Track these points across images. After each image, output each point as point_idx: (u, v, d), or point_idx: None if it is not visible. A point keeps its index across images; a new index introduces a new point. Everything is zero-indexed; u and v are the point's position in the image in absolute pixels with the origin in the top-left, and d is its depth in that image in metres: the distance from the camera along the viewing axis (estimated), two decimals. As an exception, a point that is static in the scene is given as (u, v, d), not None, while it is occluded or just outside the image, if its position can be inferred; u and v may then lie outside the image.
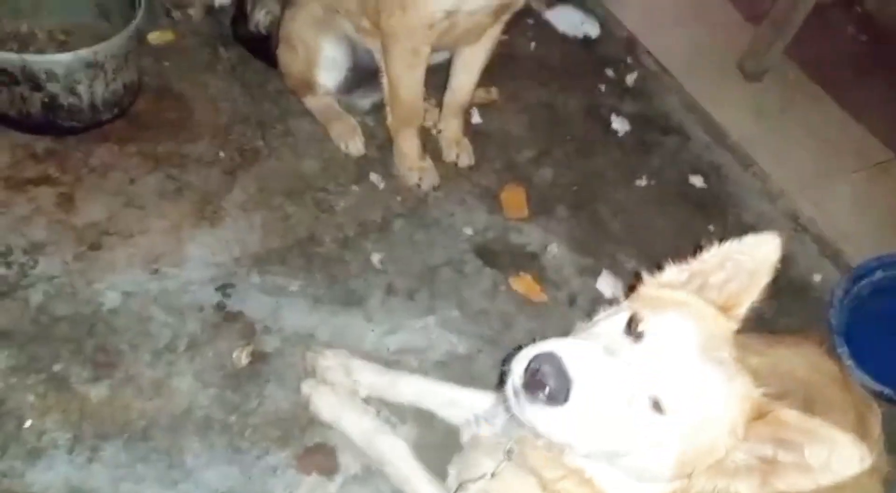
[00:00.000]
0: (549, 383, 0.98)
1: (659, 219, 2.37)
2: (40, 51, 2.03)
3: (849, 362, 1.93)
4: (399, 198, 2.15)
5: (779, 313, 2.16)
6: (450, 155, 2.27)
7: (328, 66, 2.09)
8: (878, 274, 2.11)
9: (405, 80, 1.93)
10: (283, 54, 2.14)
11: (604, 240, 2.25)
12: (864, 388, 1.84)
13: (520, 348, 1.06)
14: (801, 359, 1.59)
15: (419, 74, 1.93)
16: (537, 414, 1.00)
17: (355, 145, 2.17)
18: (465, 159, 2.27)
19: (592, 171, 2.44)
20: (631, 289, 1.24)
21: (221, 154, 2.09)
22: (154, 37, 2.30)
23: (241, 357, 1.71)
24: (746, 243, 1.16)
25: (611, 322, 1.15)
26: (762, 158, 2.54)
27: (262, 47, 2.26)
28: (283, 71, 2.18)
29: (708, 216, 2.41)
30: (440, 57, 2.09)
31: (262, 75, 2.30)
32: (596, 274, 2.14)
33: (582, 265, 2.16)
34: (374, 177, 2.17)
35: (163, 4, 2.35)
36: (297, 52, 2.09)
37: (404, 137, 2.11)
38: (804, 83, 2.84)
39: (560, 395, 0.97)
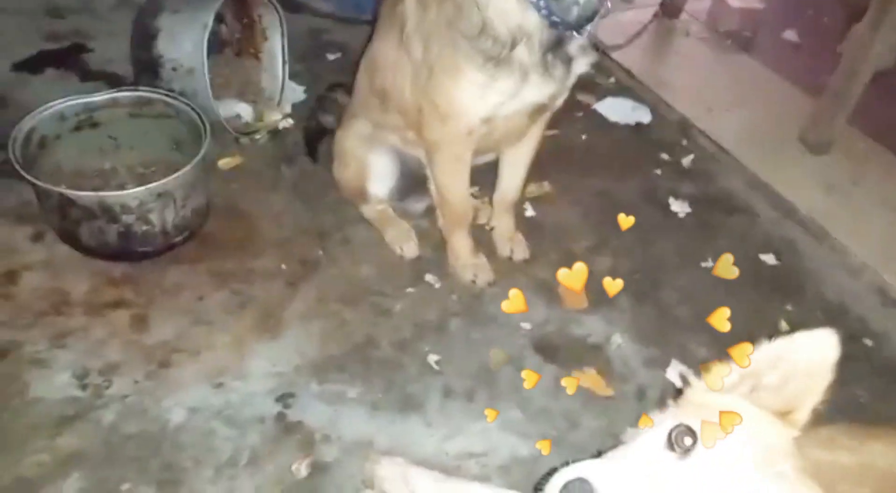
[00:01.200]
0: None
1: (730, 301, 2.19)
2: (121, 185, 2.23)
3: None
4: (455, 297, 2.16)
5: (874, 399, 1.98)
6: (504, 250, 2.28)
7: (378, 176, 2.19)
8: None
9: (451, 185, 1.99)
10: (337, 169, 2.26)
11: (671, 328, 2.15)
12: None
13: (552, 471, 1.00)
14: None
15: (464, 179, 1.98)
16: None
17: (409, 249, 2.23)
18: (520, 254, 2.27)
19: (654, 257, 2.38)
20: (678, 393, 1.16)
21: (284, 267, 2.18)
22: (224, 162, 2.49)
23: (301, 469, 1.71)
24: (799, 342, 1.05)
25: (652, 435, 1.06)
26: (838, 231, 2.41)
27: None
28: (338, 184, 2.29)
29: (785, 295, 2.28)
30: (487, 157, 2.15)
31: (322, 188, 2.42)
32: (665, 365, 2.04)
33: (649, 356, 2.06)
34: (429, 277, 2.20)
35: (232, 133, 2.55)
36: (350, 166, 2.20)
37: (457, 237, 2.15)
38: (875, 152, 2.72)
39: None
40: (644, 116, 2.92)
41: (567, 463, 1.00)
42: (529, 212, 2.48)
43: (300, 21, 3.12)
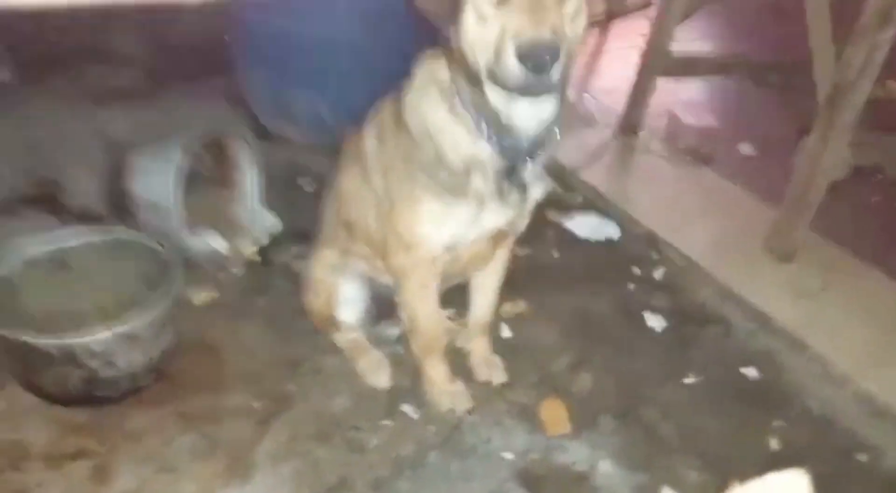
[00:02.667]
0: None
1: (715, 419, 2.20)
2: (90, 328, 2.18)
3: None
4: (433, 428, 2.09)
5: (876, 518, 1.90)
6: (481, 374, 2.24)
7: (348, 303, 2.19)
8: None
9: (420, 312, 1.98)
10: (308, 297, 2.25)
11: (657, 450, 2.08)
12: None
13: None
14: None
15: (433, 305, 1.97)
16: None
17: (381, 379, 2.18)
18: (498, 377, 2.23)
19: (634, 373, 2.34)
20: None
21: (255, 404, 2.11)
22: (198, 298, 2.46)
23: None
24: (770, 483, 1.03)
25: None
26: (814, 340, 2.40)
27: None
28: (309, 313, 2.27)
29: (770, 410, 2.24)
30: (456, 280, 2.15)
31: (294, 316, 2.39)
32: (654, 491, 1.96)
33: (637, 483, 1.98)
34: (406, 407, 2.13)
35: (207, 268, 2.54)
36: (319, 295, 2.20)
37: (431, 364, 2.11)
38: (841, 257, 2.77)
39: None
40: (613, 232, 2.99)
41: None
42: (506, 332, 2.46)
43: (277, 150, 3.21)
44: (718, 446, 2.10)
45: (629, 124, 3.55)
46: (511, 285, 2.29)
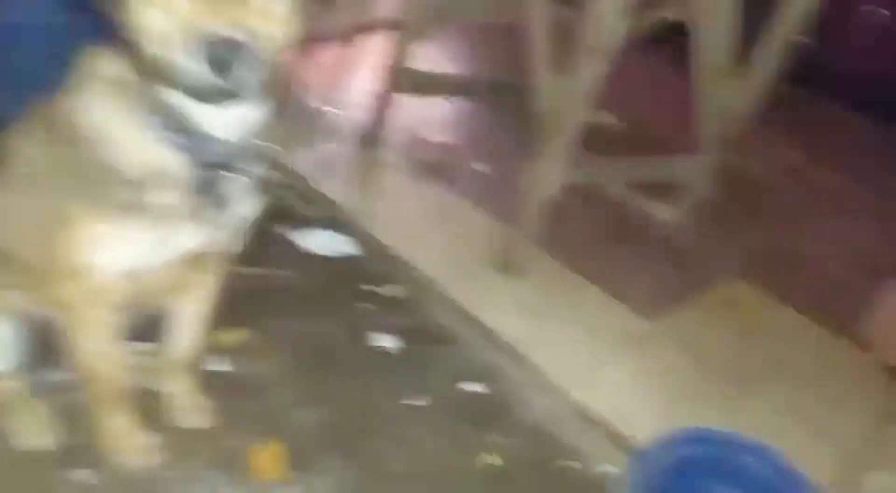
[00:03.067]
0: None
1: (438, 439, 2.16)
2: None
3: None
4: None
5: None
6: (185, 420, 1.94)
7: None
8: (665, 460, 2.01)
9: (92, 353, 1.63)
10: None
11: (384, 484, 1.97)
12: None
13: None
14: None
15: (108, 344, 1.64)
16: None
17: (41, 438, 1.79)
18: (201, 421, 1.95)
19: (365, 402, 2.22)
20: None
21: None
22: None
23: None
24: None
25: None
26: (536, 354, 2.49)
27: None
28: None
29: (490, 425, 2.25)
30: (147, 310, 1.84)
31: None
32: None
33: (361, 524, 1.85)
34: (80, 474, 1.76)
35: None
36: None
37: (109, 415, 1.76)
38: (562, 273, 2.93)
39: None
40: (350, 249, 2.86)
41: None
42: (224, 366, 2.19)
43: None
44: (444, 468, 2.06)
45: (371, 139, 3.47)
46: (232, 311, 2.02)
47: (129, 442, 1.79)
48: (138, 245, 1.48)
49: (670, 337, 2.70)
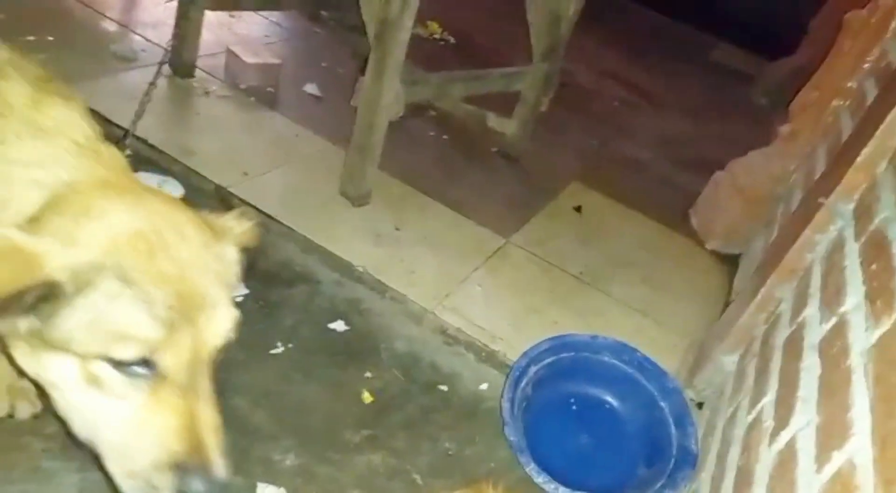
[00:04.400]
0: None
1: (309, 386, 2.04)
2: None
3: (539, 479, 1.79)
4: None
5: (461, 444, 1.98)
6: (1, 408, 1.65)
7: None
8: (532, 369, 2.06)
9: None
10: None
11: (251, 443, 1.83)
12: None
13: None
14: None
15: None
16: None
17: None
18: (27, 409, 1.67)
19: (224, 359, 2.02)
20: None
21: None
22: None
23: None
24: None
25: None
26: (395, 281, 2.42)
27: None
28: None
29: (361, 361, 2.16)
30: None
31: None
32: (250, 493, 1.72)
33: (233, 490, 1.70)
34: None
35: None
36: None
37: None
38: (409, 195, 2.85)
39: None
40: (174, 190, 2.55)
41: None
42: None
43: None
44: (314, 417, 1.95)
45: (182, 64, 3.08)
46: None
47: None
48: None
49: (520, 249, 2.75)
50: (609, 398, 2.12)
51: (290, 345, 2.14)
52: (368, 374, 2.13)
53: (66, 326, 0.97)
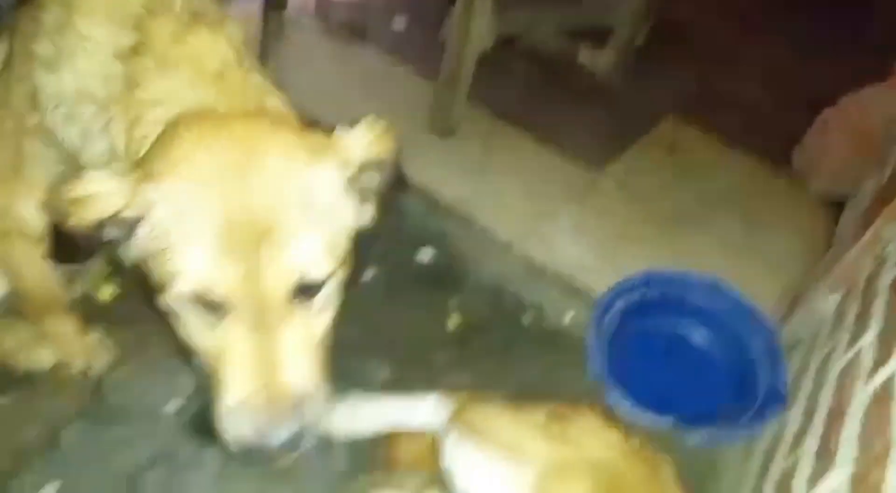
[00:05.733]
0: None
1: (398, 310, 2.12)
2: None
3: (622, 405, 1.81)
4: (64, 396, 1.64)
5: (544, 371, 2.02)
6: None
7: None
8: (619, 303, 2.05)
9: (22, 274, 1.49)
10: None
11: (346, 356, 1.91)
12: (648, 425, 1.74)
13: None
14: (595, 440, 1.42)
15: (37, 266, 1.47)
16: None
17: (43, 357, 1.67)
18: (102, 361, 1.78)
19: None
20: None
21: None
22: None
23: None
24: None
25: None
26: (482, 213, 2.44)
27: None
28: None
29: (447, 289, 2.22)
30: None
31: None
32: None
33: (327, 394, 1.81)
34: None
35: None
36: None
37: (50, 323, 1.62)
38: (498, 128, 2.82)
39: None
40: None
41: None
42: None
43: None
44: (403, 338, 2.03)
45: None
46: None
47: (73, 345, 1.67)
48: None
49: (612, 184, 2.69)
50: (698, 335, 2.09)
51: (379, 272, 2.21)
52: (454, 302, 2.18)
53: (141, 257, 1.01)
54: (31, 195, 1.28)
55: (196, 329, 1.04)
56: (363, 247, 2.22)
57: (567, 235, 2.47)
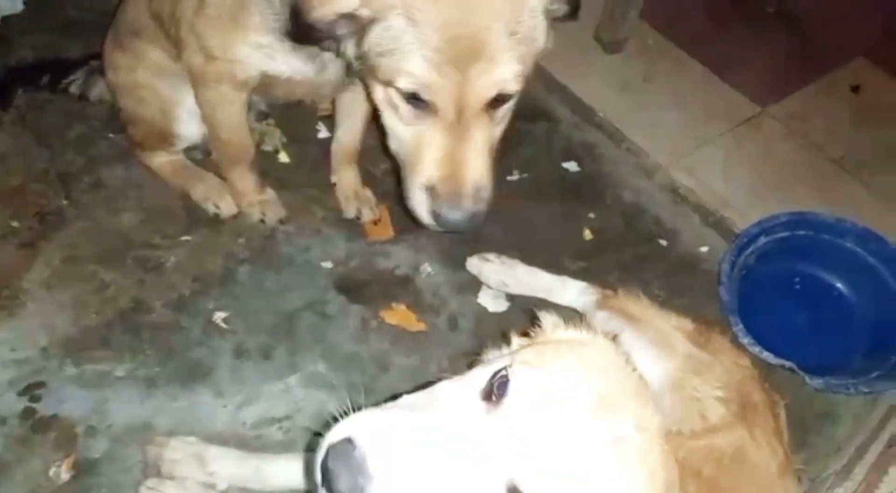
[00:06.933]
0: (340, 488, 0.75)
1: (537, 213, 2.19)
2: None
3: (745, 340, 1.81)
4: (242, 240, 1.89)
5: (671, 294, 2.04)
6: (349, 211, 2.00)
7: (191, 115, 1.76)
8: (762, 240, 2.01)
9: (222, 122, 1.67)
10: (130, 105, 1.81)
11: (480, 247, 2.05)
12: (763, 363, 1.74)
13: (333, 421, 0.81)
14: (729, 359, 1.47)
15: (236, 116, 1.65)
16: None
17: (227, 205, 1.90)
18: (368, 214, 2.00)
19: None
20: (524, 335, 1.00)
21: (15, 224, 1.76)
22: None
23: (61, 473, 1.42)
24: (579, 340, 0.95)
25: (468, 382, 0.91)
26: (634, 132, 2.41)
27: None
28: (131, 124, 1.85)
29: (586, 202, 2.26)
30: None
31: (61, 119, 1.97)
32: (476, 290, 1.95)
33: (460, 281, 1.96)
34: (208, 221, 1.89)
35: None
36: (148, 103, 1.77)
37: (237, 174, 1.84)
38: (665, 47, 2.73)
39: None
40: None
41: (344, 414, 0.81)
42: (323, 133, 2.21)
43: None
44: (538, 239, 2.11)
45: None
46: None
47: (253, 197, 1.89)
48: (285, 66, 1.47)
49: (777, 123, 2.55)
50: (840, 285, 2.02)
51: (524, 175, 2.28)
52: (592, 215, 2.22)
53: (369, 53, 1.19)
54: (248, 39, 1.43)
55: (403, 121, 1.26)
56: (512, 148, 2.30)
57: (718, 169, 2.40)
